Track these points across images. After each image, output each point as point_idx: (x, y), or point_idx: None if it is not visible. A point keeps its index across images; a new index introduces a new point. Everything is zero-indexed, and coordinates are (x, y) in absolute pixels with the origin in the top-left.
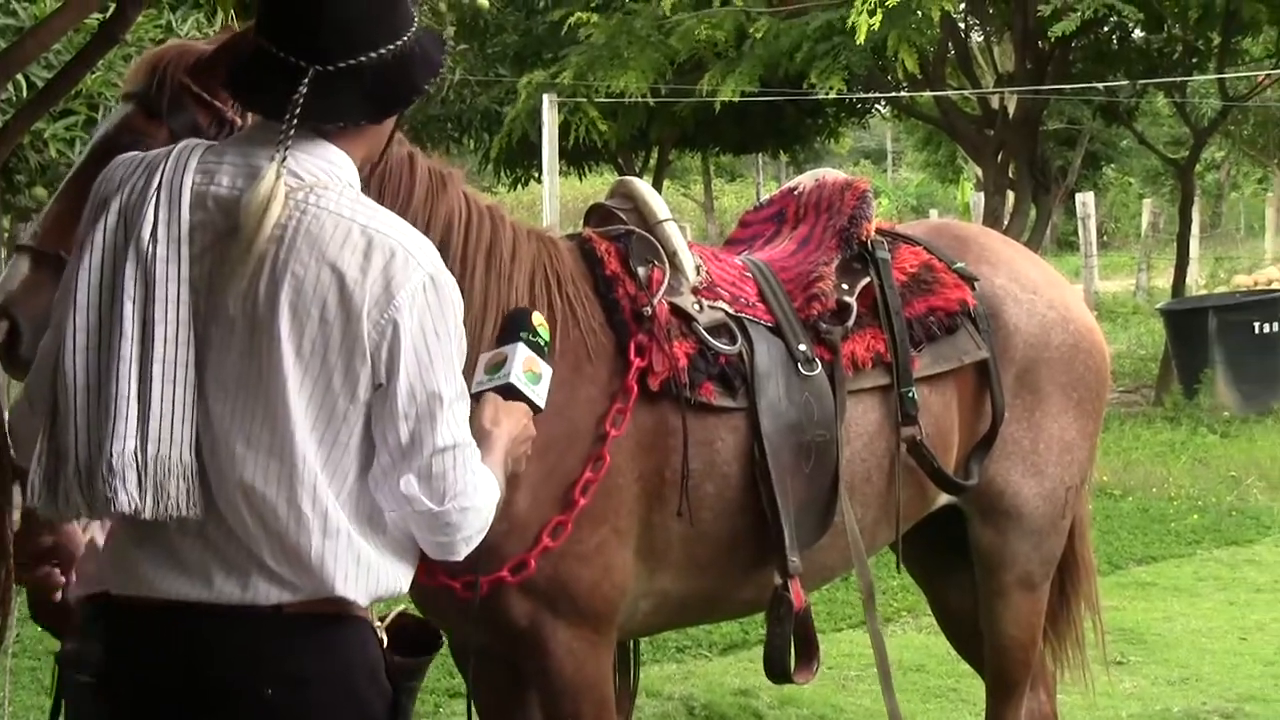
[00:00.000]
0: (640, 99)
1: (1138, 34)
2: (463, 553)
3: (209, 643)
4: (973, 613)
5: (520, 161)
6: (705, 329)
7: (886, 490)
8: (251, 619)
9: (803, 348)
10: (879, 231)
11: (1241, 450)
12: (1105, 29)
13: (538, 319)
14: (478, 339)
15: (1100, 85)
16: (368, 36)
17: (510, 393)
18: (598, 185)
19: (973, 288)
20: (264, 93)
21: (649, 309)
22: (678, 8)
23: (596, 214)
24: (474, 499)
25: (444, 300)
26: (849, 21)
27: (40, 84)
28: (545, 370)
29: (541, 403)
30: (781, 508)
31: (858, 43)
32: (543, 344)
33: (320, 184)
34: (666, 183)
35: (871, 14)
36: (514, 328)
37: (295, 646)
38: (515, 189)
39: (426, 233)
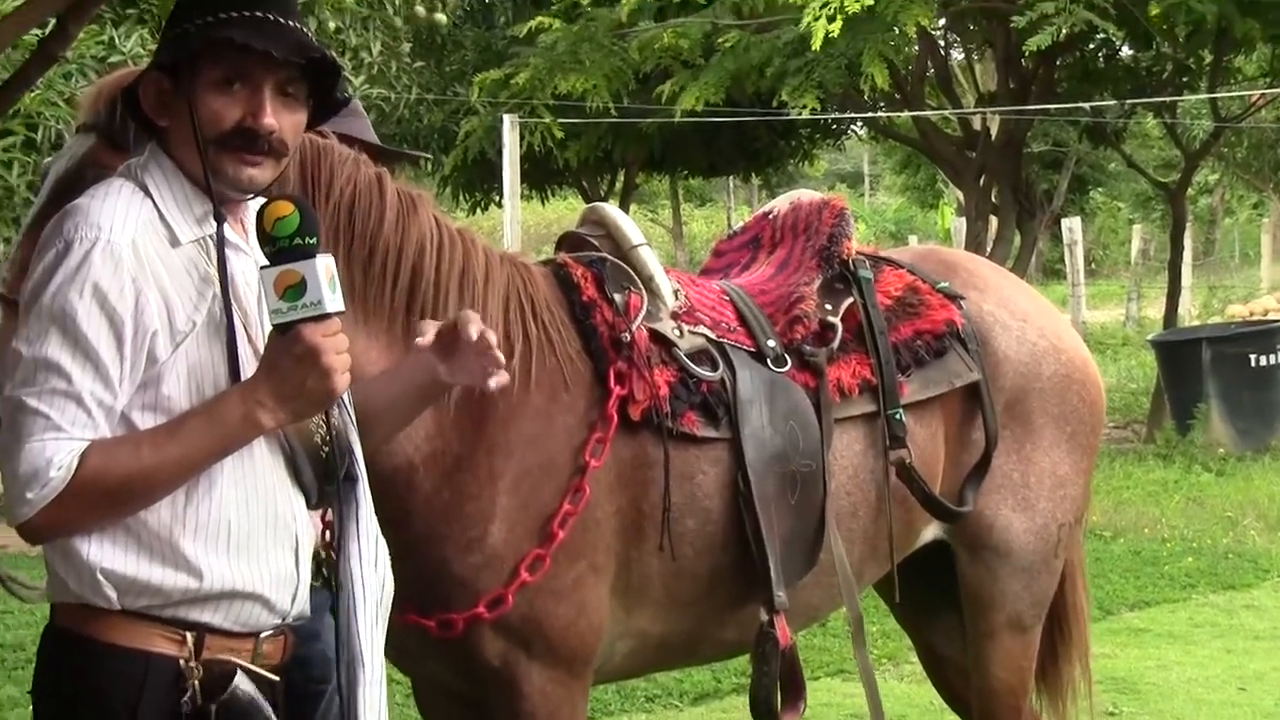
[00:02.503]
0: (603, 114)
1: (1125, 52)
2: None
3: None
4: (961, 658)
5: (480, 185)
6: (686, 355)
7: (873, 525)
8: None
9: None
10: (860, 255)
11: (1238, 489)
12: (1091, 46)
13: (280, 209)
14: None
15: (1087, 105)
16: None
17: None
18: (561, 210)
19: (959, 307)
20: None
21: (628, 335)
22: (636, 15)
23: (568, 241)
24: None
25: (66, 269)
26: (803, 25)
27: None
28: (332, 265)
29: (341, 305)
30: (767, 541)
31: (814, 49)
32: (309, 236)
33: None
34: (633, 207)
35: (831, 20)
36: (278, 234)
37: (45, 657)
38: (475, 213)
39: (399, 257)
